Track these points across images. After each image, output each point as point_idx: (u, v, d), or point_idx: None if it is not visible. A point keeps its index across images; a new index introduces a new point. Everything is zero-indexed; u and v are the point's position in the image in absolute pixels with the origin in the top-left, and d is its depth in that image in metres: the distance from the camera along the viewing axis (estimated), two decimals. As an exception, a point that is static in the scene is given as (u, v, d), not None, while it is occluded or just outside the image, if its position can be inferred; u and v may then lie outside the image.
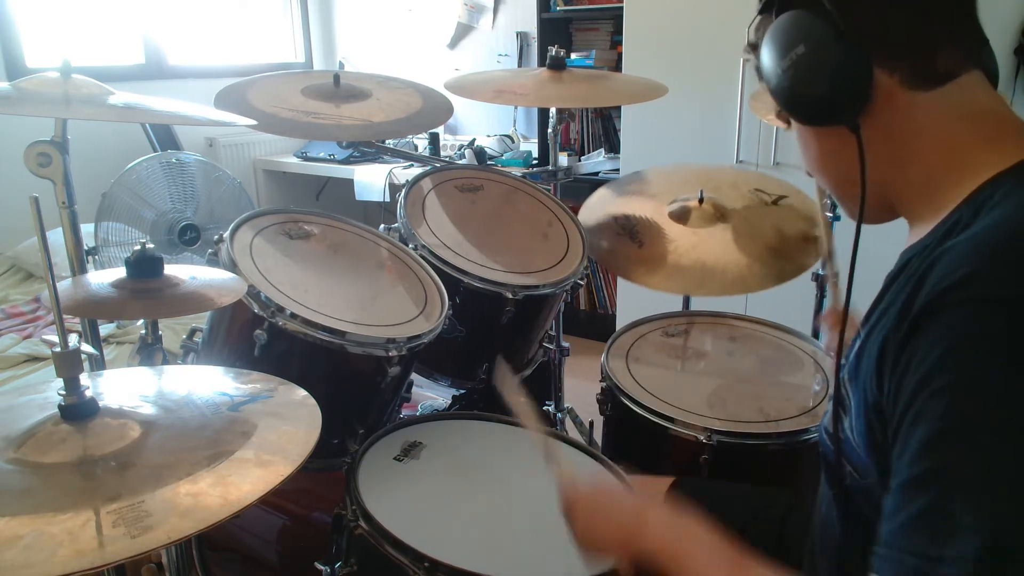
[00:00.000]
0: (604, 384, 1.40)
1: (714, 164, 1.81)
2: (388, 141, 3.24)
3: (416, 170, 2.12)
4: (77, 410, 0.78)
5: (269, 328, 1.12)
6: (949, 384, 0.55)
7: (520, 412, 0.97)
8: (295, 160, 3.94)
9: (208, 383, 0.94)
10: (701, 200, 1.61)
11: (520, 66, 3.73)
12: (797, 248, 1.54)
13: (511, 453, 1.20)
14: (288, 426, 0.84)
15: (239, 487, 0.72)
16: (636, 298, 3.03)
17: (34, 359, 2.42)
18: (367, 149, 2.96)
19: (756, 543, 1.02)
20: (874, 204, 0.74)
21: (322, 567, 1.03)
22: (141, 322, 1.15)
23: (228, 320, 1.22)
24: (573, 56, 3.36)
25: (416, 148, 3.81)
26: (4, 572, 0.60)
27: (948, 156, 0.69)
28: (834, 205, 1.68)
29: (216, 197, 2.78)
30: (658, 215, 1.64)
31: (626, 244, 1.60)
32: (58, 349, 0.78)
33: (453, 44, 3.97)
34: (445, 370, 1.51)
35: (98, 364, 1.22)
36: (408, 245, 1.40)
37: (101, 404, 0.80)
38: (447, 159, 3.37)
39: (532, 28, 3.59)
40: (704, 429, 1.22)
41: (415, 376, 1.39)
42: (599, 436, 1.52)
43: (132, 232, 2.54)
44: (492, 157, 3.58)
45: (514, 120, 3.85)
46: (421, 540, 0.92)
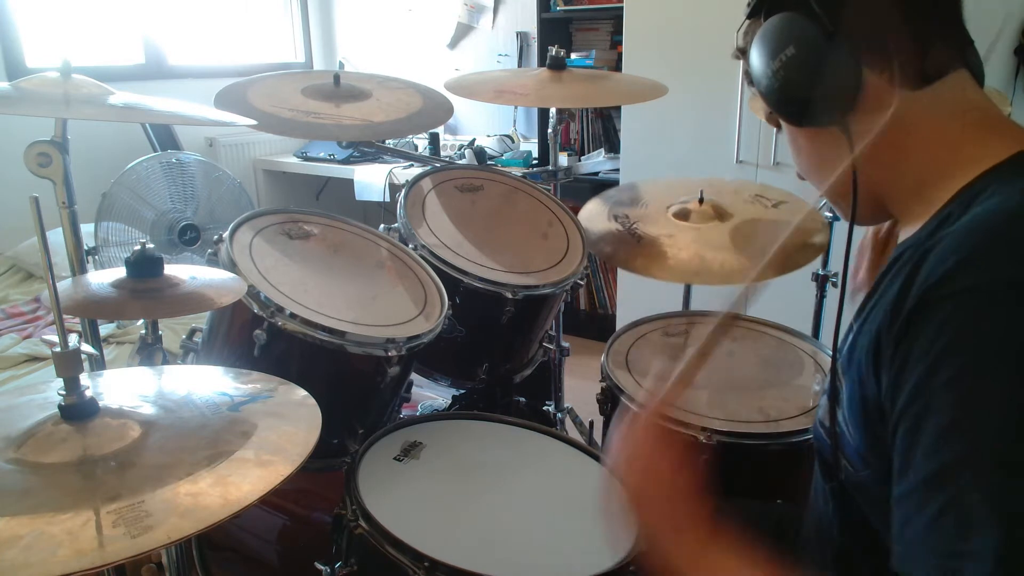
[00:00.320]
0: (604, 384, 1.40)
1: (714, 177, 1.80)
2: (388, 141, 3.24)
3: (416, 170, 2.12)
4: (77, 410, 0.78)
5: (269, 328, 1.12)
6: (953, 377, 0.55)
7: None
8: (295, 160, 3.94)
9: (208, 383, 0.94)
10: (701, 200, 1.61)
11: (520, 66, 3.73)
12: (797, 248, 1.54)
13: (511, 453, 1.20)
14: (288, 426, 0.84)
15: (239, 487, 0.72)
16: (636, 298, 3.03)
17: (34, 359, 2.42)
18: (367, 149, 2.96)
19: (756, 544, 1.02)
20: (866, 203, 0.74)
21: (322, 567, 1.03)
22: (141, 322, 1.15)
23: (228, 320, 1.22)
24: (573, 56, 3.36)
25: (416, 148, 3.81)
26: (4, 572, 0.60)
27: (938, 153, 0.69)
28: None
29: (216, 197, 2.78)
30: (658, 215, 1.64)
31: (625, 239, 1.60)
32: (58, 349, 0.78)
33: (453, 44, 3.97)
34: (445, 370, 1.51)
35: (98, 364, 1.22)
36: (408, 245, 1.40)
37: (101, 404, 0.80)
38: (447, 159, 3.37)
39: (532, 28, 3.59)
40: (704, 429, 1.22)
41: (415, 376, 1.39)
42: (599, 436, 1.52)
43: (132, 232, 2.54)
44: (492, 157, 3.58)
45: (514, 120, 3.85)
46: (421, 540, 0.92)
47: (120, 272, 1.06)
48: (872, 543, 0.71)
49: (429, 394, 2.08)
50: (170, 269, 1.08)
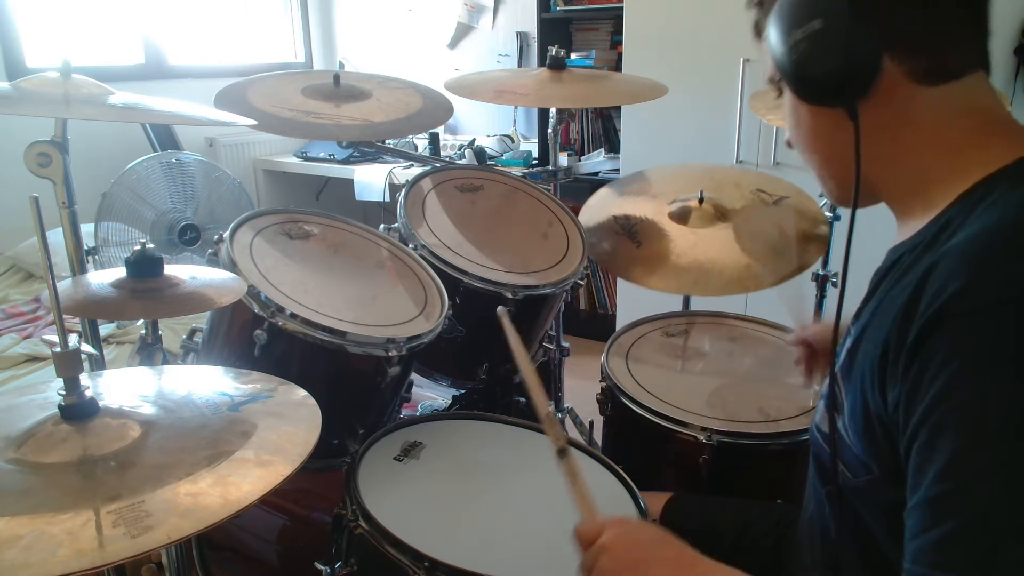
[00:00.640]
0: (604, 384, 1.40)
1: (717, 164, 1.81)
2: (388, 141, 3.24)
3: (416, 170, 2.13)
4: (77, 410, 0.78)
5: (269, 328, 1.12)
6: (971, 394, 0.54)
7: (546, 422, 0.92)
8: (295, 160, 3.94)
9: (208, 383, 0.94)
10: (701, 200, 1.61)
11: (520, 66, 3.73)
12: (798, 247, 1.54)
13: (511, 453, 1.20)
14: (288, 426, 0.84)
15: (239, 487, 0.72)
16: (636, 298, 3.03)
17: (34, 359, 2.42)
18: (367, 149, 2.96)
19: (752, 553, 1.03)
20: (853, 186, 0.74)
21: (322, 567, 1.03)
22: (141, 322, 1.15)
23: (228, 320, 1.22)
24: (573, 56, 3.36)
25: (416, 148, 3.80)
26: (4, 572, 0.60)
27: (942, 154, 0.68)
28: (834, 206, 1.69)
29: (216, 197, 2.78)
30: (658, 215, 1.64)
31: (625, 244, 1.60)
32: (58, 349, 0.78)
33: (453, 44, 3.97)
34: (445, 370, 1.51)
35: (98, 364, 1.22)
36: (408, 245, 1.40)
37: (101, 404, 0.80)
38: (447, 159, 3.37)
39: (532, 28, 3.59)
40: (704, 429, 1.22)
41: (415, 376, 1.39)
42: (599, 436, 1.52)
43: (132, 232, 2.54)
44: (492, 157, 3.58)
45: (514, 120, 3.85)
46: (421, 540, 0.92)
47: (120, 272, 1.06)
48: (868, 546, 0.71)
49: (429, 394, 2.08)
50: (170, 269, 1.08)
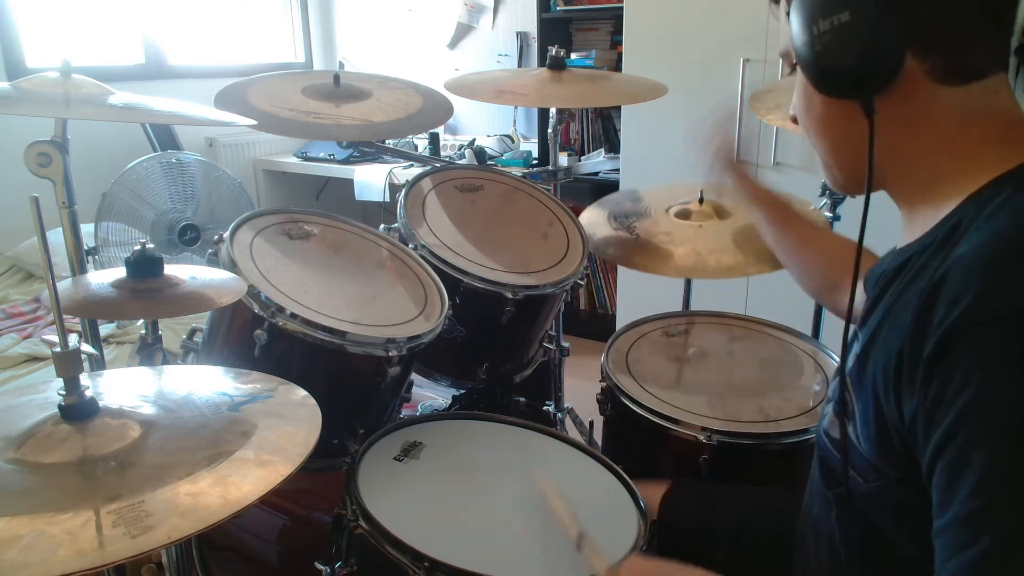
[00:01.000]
0: (604, 384, 1.40)
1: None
2: (388, 141, 3.24)
3: (416, 170, 2.12)
4: (77, 410, 0.78)
5: (269, 328, 1.12)
6: (1000, 407, 0.53)
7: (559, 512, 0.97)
8: (295, 160, 3.94)
9: (208, 383, 0.94)
10: (701, 200, 1.61)
11: (520, 66, 3.73)
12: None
13: (511, 453, 1.20)
14: (288, 426, 0.84)
15: (239, 487, 0.72)
16: (636, 298, 3.03)
17: (34, 359, 2.42)
18: (367, 149, 2.96)
19: (755, 544, 1.03)
20: (860, 175, 0.73)
21: (322, 567, 1.03)
22: (141, 322, 1.15)
23: (228, 320, 1.22)
24: (573, 56, 3.36)
25: (416, 148, 3.81)
26: (4, 572, 0.60)
27: (955, 155, 0.68)
28: (834, 205, 1.69)
29: (216, 197, 2.78)
30: (658, 215, 1.65)
31: (624, 238, 1.60)
32: (58, 349, 0.78)
33: (453, 44, 3.97)
34: (445, 370, 1.51)
35: (98, 364, 1.22)
36: (408, 245, 1.40)
37: (101, 404, 0.80)
38: (447, 159, 3.37)
39: (532, 28, 3.59)
40: (704, 429, 1.22)
41: (415, 376, 1.39)
42: (599, 436, 1.52)
43: (132, 232, 2.54)
44: (492, 157, 3.58)
45: (514, 120, 3.85)
46: (421, 540, 0.92)
47: (120, 272, 1.06)
48: (875, 549, 0.71)
49: (429, 394, 2.08)
50: (170, 269, 1.08)
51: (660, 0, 2.73)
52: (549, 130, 1.88)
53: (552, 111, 1.86)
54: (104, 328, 2.46)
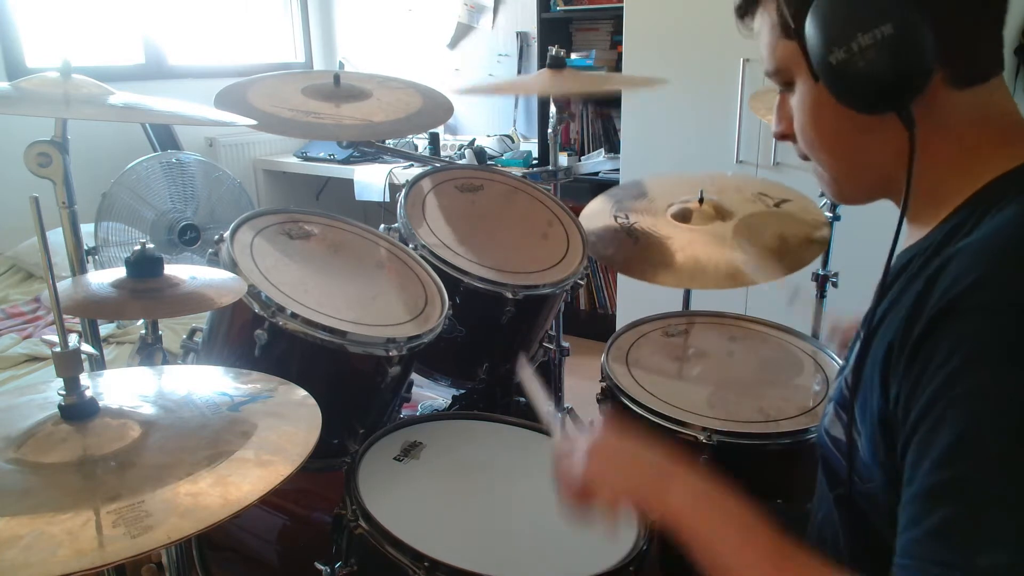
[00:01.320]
0: (604, 384, 1.39)
1: (717, 172, 1.80)
2: (388, 141, 3.24)
3: (416, 170, 2.12)
4: (77, 410, 0.78)
5: (269, 328, 1.12)
6: (968, 392, 0.54)
7: (531, 394, 0.95)
8: (295, 160, 3.94)
9: (208, 383, 0.94)
10: (701, 201, 1.61)
11: (520, 66, 3.73)
12: (798, 250, 1.54)
13: (511, 453, 1.20)
14: (288, 426, 0.84)
15: (239, 487, 0.72)
16: (636, 298, 3.03)
17: (34, 359, 2.42)
18: (367, 149, 2.96)
19: None
20: (867, 186, 0.74)
21: (322, 567, 1.03)
22: (141, 322, 1.15)
23: (228, 320, 1.22)
24: (573, 56, 3.36)
25: (416, 148, 3.80)
26: (4, 572, 0.60)
27: (960, 156, 0.68)
28: (834, 205, 1.68)
29: (216, 197, 2.78)
30: (657, 215, 1.65)
31: (624, 242, 1.60)
32: (58, 349, 0.78)
33: (453, 44, 3.97)
34: (445, 370, 1.51)
35: (98, 364, 1.22)
36: (408, 245, 1.40)
37: (101, 404, 0.80)
38: (447, 159, 3.37)
39: (532, 28, 3.59)
40: (704, 429, 1.22)
41: (415, 376, 1.39)
42: (599, 436, 1.52)
43: (132, 232, 2.54)
44: (492, 157, 3.58)
45: (514, 120, 3.85)
46: (421, 540, 0.92)
47: (120, 272, 1.06)
48: (877, 552, 0.71)
49: (429, 394, 2.08)
50: (170, 269, 1.08)
51: (660, 0, 2.72)
52: (549, 130, 1.88)
53: (552, 111, 1.86)
54: (104, 328, 2.46)
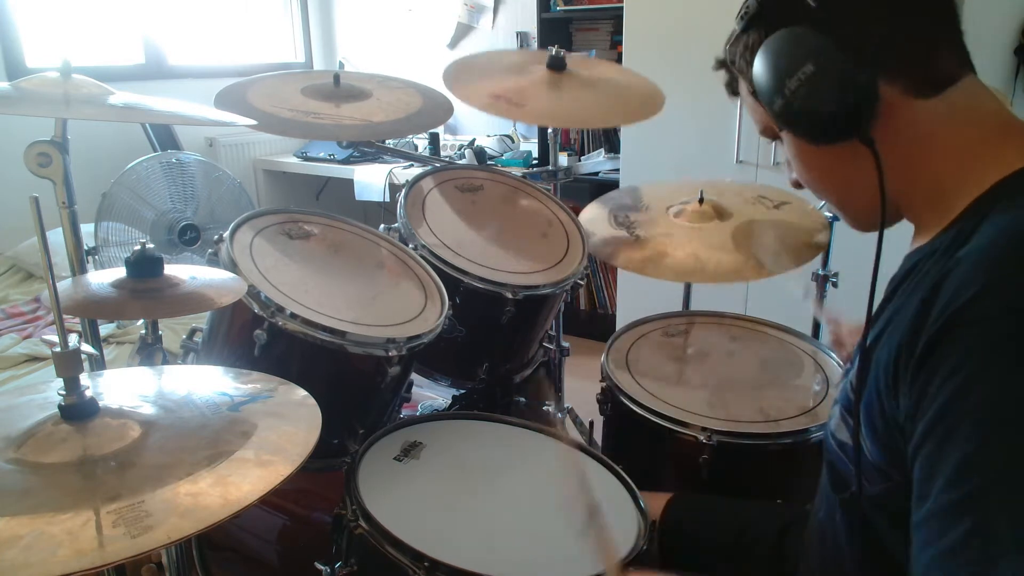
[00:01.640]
0: (604, 384, 1.40)
1: (716, 179, 1.80)
2: (388, 141, 3.24)
3: (416, 170, 2.12)
4: (77, 410, 0.78)
5: (269, 328, 1.12)
6: (975, 404, 0.54)
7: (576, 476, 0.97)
8: (295, 160, 3.94)
9: (208, 383, 0.94)
10: (701, 201, 1.61)
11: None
12: (798, 251, 1.54)
13: (511, 453, 1.20)
14: (288, 426, 0.84)
15: (239, 487, 0.72)
16: (636, 298, 3.03)
17: (34, 359, 2.42)
18: (367, 149, 2.95)
19: (753, 555, 1.03)
20: (874, 210, 0.73)
21: (322, 567, 1.03)
22: (141, 322, 1.15)
23: (228, 320, 1.22)
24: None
25: (416, 148, 3.81)
26: (4, 572, 0.60)
27: (956, 161, 0.68)
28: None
29: (216, 197, 2.78)
30: (657, 215, 1.64)
31: (623, 239, 1.60)
32: (58, 349, 0.78)
33: (453, 44, 3.97)
34: (445, 370, 1.51)
35: (98, 364, 1.22)
36: (408, 245, 1.40)
37: (101, 404, 0.80)
38: (447, 159, 3.36)
39: (532, 28, 3.59)
40: (704, 429, 1.22)
41: (415, 376, 1.39)
42: (599, 436, 1.52)
43: (132, 232, 2.54)
44: (492, 157, 3.58)
45: (514, 120, 3.85)
46: (421, 540, 0.92)
47: (120, 272, 1.06)
48: (880, 555, 0.71)
49: (429, 394, 2.07)
50: (170, 269, 1.08)
51: (660, 0, 2.73)
52: (549, 130, 1.88)
53: (552, 111, 1.85)
54: (104, 328, 2.46)
